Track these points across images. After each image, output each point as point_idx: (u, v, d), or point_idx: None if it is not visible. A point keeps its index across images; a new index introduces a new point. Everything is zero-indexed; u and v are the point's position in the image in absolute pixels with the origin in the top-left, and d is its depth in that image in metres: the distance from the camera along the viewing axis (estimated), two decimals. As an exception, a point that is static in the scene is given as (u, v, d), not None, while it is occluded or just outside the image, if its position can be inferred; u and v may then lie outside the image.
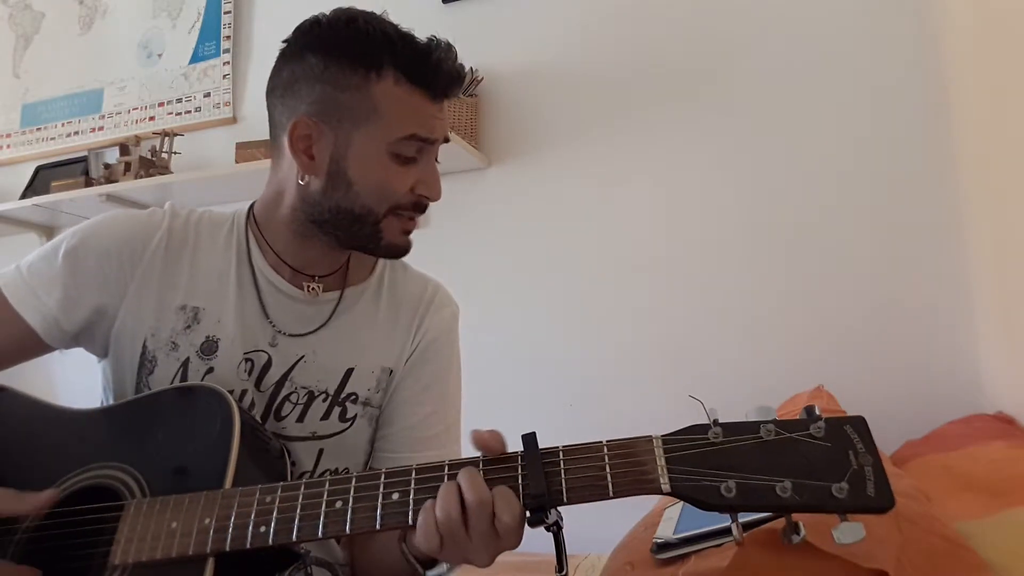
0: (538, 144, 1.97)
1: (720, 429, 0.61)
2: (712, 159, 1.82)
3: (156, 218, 0.91)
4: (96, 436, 0.82)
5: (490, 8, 2.02)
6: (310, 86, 0.84)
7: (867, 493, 0.56)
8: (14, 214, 2.26)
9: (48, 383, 2.16)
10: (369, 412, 0.94)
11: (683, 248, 1.83)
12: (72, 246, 0.87)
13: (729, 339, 1.76)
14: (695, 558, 0.79)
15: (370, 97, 0.83)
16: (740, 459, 0.59)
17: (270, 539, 0.66)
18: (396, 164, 0.85)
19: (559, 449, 0.64)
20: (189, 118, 2.33)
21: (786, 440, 0.59)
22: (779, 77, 1.79)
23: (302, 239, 0.90)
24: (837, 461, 0.57)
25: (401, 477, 0.66)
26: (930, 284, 1.63)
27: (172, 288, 0.89)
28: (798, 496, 0.57)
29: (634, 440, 0.63)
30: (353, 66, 0.82)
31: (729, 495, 0.58)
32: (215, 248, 0.92)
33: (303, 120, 0.84)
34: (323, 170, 0.85)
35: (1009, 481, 0.97)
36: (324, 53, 0.84)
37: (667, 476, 0.60)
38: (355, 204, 0.85)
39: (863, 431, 0.59)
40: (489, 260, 1.94)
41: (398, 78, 0.83)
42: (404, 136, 0.84)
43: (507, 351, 1.90)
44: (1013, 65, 1.17)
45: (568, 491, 0.62)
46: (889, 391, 1.59)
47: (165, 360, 0.87)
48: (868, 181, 1.70)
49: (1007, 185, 1.27)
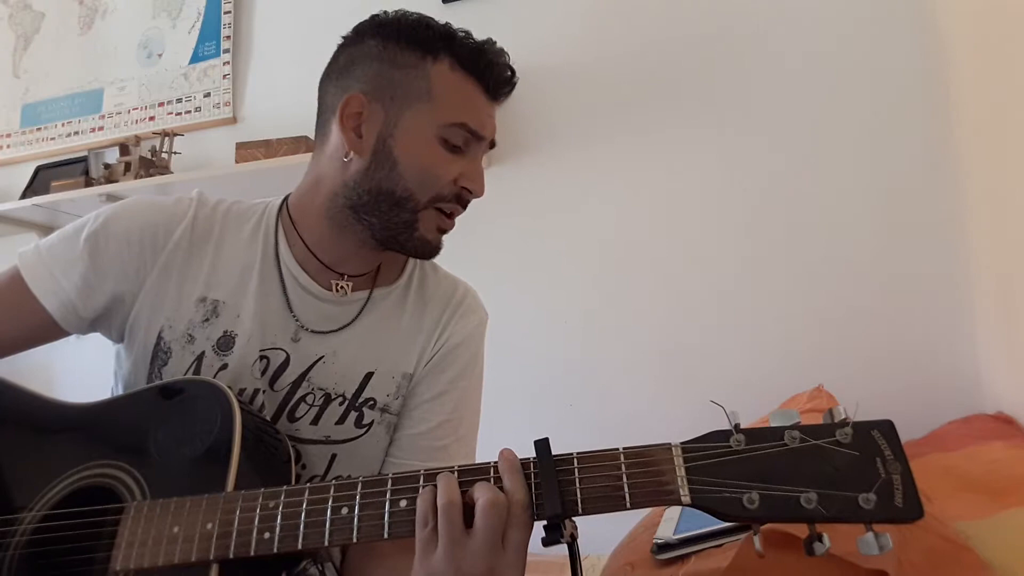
0: (539, 143, 1.97)
1: (743, 436, 0.58)
2: (713, 159, 1.82)
3: (182, 207, 0.89)
4: (95, 432, 0.79)
5: (490, 8, 2.03)
6: (366, 65, 0.85)
7: (895, 504, 0.54)
8: (14, 214, 2.26)
9: (47, 374, 2.16)
10: (387, 419, 0.91)
11: (684, 248, 1.82)
12: (94, 230, 0.85)
13: (729, 339, 1.76)
14: (695, 558, 0.80)
15: (426, 78, 0.83)
16: (763, 468, 0.57)
17: (275, 546, 0.64)
18: (443, 150, 0.84)
19: (573, 456, 0.61)
20: (189, 118, 2.33)
21: (811, 447, 0.57)
22: (780, 77, 1.79)
23: (337, 231, 0.88)
24: (864, 470, 0.55)
25: (409, 484, 0.63)
26: (930, 284, 1.63)
27: (193, 279, 0.87)
28: (824, 508, 0.54)
29: (652, 448, 0.60)
30: (411, 47, 0.84)
31: (752, 507, 0.56)
32: (240, 240, 0.90)
33: (355, 97, 0.84)
34: (369, 148, 0.84)
35: (1009, 481, 0.97)
36: (383, 36, 0.85)
37: (687, 487, 0.57)
38: (397, 185, 0.84)
39: (891, 436, 0.56)
40: (489, 260, 1.95)
41: (454, 65, 0.84)
42: (455, 122, 0.83)
43: (507, 351, 1.89)
44: (1014, 65, 1.17)
45: (583, 502, 0.59)
46: (889, 391, 1.58)
47: (180, 352, 0.85)
48: (868, 181, 1.70)
49: (1007, 185, 1.27)
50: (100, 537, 0.70)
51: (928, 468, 1.16)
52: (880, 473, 0.55)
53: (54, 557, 0.72)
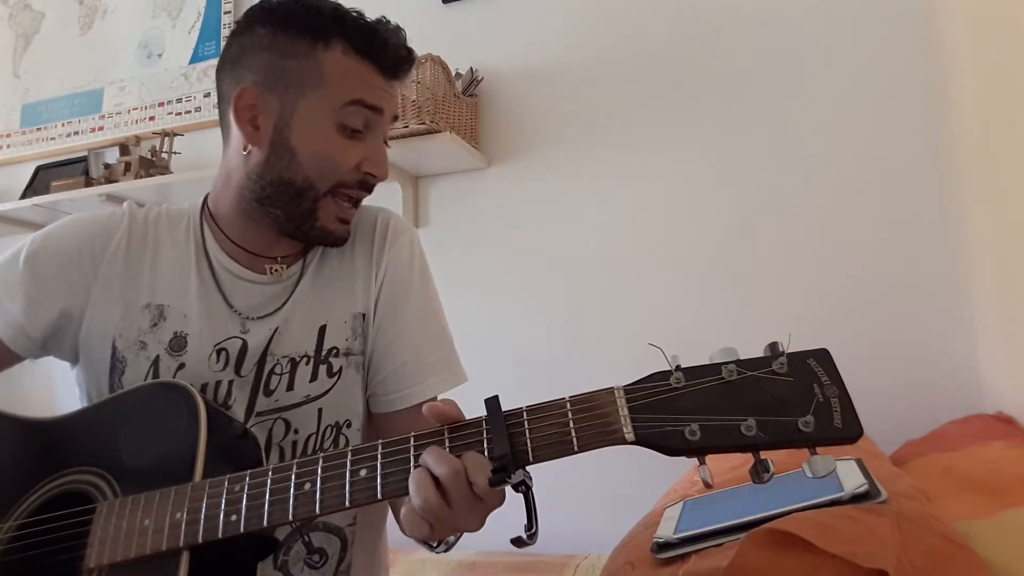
0: (538, 144, 1.97)
1: (682, 374, 0.61)
2: (712, 158, 1.82)
3: (115, 219, 0.92)
4: (65, 443, 0.81)
5: (490, 8, 2.02)
6: (257, 55, 0.85)
7: (834, 424, 0.55)
8: (14, 214, 2.27)
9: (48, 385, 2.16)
10: (354, 360, 0.92)
11: (682, 247, 1.82)
12: (33, 251, 0.88)
13: (729, 338, 1.73)
14: (695, 558, 0.79)
15: (317, 64, 0.83)
16: (703, 401, 0.59)
17: (241, 526, 0.66)
18: (342, 136, 0.84)
19: (523, 410, 0.64)
20: (189, 118, 2.33)
21: (748, 379, 0.59)
22: (779, 76, 1.79)
23: (253, 223, 0.90)
24: (801, 395, 0.57)
25: (367, 453, 0.66)
26: (930, 284, 1.63)
27: (135, 287, 0.88)
28: (763, 433, 0.56)
29: (596, 393, 0.62)
30: (301, 35, 0.83)
31: (693, 438, 0.57)
32: (175, 243, 0.92)
33: (248, 88, 0.84)
34: (267, 140, 0.85)
35: (1009, 481, 0.97)
36: (272, 24, 0.84)
37: (631, 425, 0.60)
38: (297, 176, 0.84)
39: (827, 363, 0.58)
40: (489, 260, 1.94)
41: (346, 49, 0.84)
42: (349, 101, 0.83)
43: (507, 351, 1.90)
44: (1014, 63, 1.17)
45: (533, 450, 0.62)
46: (889, 391, 1.58)
47: (135, 360, 0.86)
48: (867, 180, 1.70)
49: (1008, 184, 1.27)
50: (74, 538, 0.71)
51: (928, 468, 1.16)
52: (817, 396, 0.57)
53: (30, 562, 0.73)
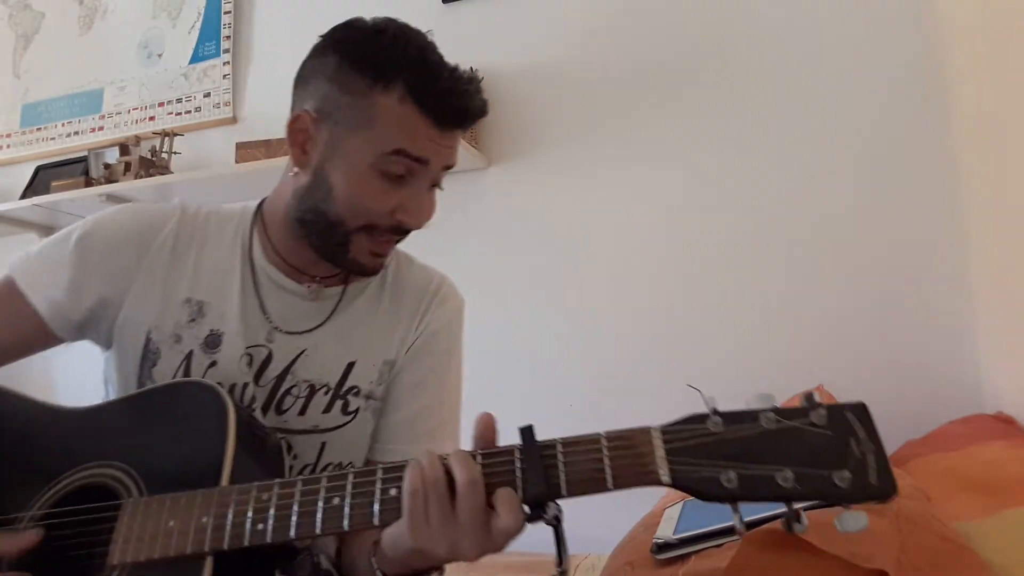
0: (538, 144, 1.97)
1: (720, 418, 0.60)
2: (712, 159, 1.82)
3: (167, 213, 0.93)
4: (92, 435, 0.81)
5: (490, 8, 2.02)
6: (319, 83, 0.85)
7: (869, 481, 0.55)
8: (14, 214, 2.26)
9: (47, 379, 2.16)
10: (372, 405, 0.94)
11: (683, 248, 1.82)
12: (83, 234, 0.89)
13: (729, 339, 1.76)
14: (695, 558, 0.80)
15: (371, 106, 0.81)
16: (740, 448, 0.58)
17: (268, 536, 0.66)
18: (381, 180, 0.83)
19: (556, 442, 0.63)
20: (189, 118, 2.32)
21: (787, 428, 0.58)
22: (780, 78, 1.79)
23: (294, 239, 0.90)
24: (838, 449, 0.57)
25: (398, 472, 0.65)
26: (930, 284, 1.63)
27: (177, 282, 0.89)
28: (800, 485, 0.56)
29: (632, 431, 0.62)
30: (364, 73, 0.81)
31: (730, 485, 0.57)
32: (222, 244, 0.93)
33: (304, 115, 0.85)
34: (311, 168, 0.85)
35: (1009, 481, 0.97)
36: (342, 54, 0.83)
37: (667, 467, 0.59)
38: (330, 210, 0.84)
39: (864, 418, 0.58)
40: (489, 260, 1.95)
41: (404, 97, 0.81)
42: (393, 150, 0.81)
43: (507, 351, 1.90)
44: (1015, 65, 1.17)
45: (567, 484, 0.61)
46: (889, 391, 1.58)
47: (169, 353, 0.87)
48: (869, 181, 1.70)
49: (1008, 185, 1.27)
50: (98, 533, 0.72)
51: (928, 468, 1.16)
52: (854, 452, 0.56)
53: (53, 554, 0.73)
